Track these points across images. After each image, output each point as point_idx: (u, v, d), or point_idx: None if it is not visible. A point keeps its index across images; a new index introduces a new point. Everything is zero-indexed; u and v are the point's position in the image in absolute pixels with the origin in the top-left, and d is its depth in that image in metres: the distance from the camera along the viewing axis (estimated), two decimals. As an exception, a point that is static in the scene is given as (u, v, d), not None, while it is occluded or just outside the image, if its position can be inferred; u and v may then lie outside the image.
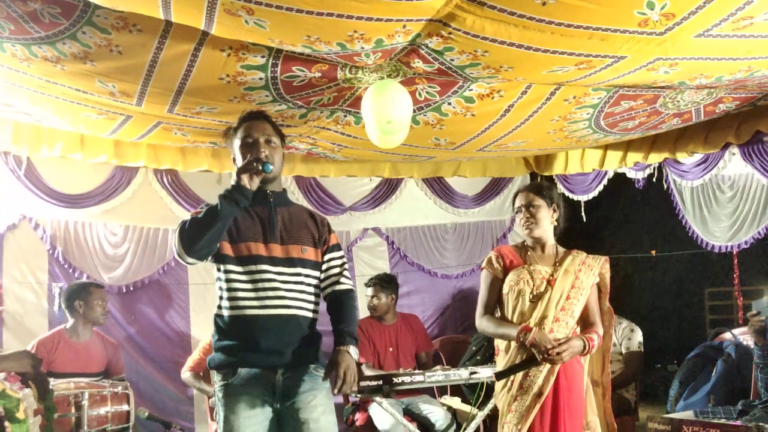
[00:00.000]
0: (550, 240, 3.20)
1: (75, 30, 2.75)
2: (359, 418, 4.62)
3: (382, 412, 4.16)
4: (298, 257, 2.59)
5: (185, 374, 4.61)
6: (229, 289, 2.53)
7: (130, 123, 3.93)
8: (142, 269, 4.98)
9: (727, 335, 4.53)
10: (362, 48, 2.84)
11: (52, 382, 3.28)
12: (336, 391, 2.49)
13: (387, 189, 5.75)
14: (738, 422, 3.45)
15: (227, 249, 2.53)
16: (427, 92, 3.60)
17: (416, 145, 4.47)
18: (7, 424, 2.66)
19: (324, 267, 2.68)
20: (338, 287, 2.68)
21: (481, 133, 4.24)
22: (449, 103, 3.74)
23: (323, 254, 2.67)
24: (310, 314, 2.61)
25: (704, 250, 5.04)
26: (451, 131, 4.21)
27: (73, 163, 4.52)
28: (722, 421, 3.52)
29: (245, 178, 2.42)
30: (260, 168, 2.43)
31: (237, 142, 2.63)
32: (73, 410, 3.48)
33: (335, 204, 5.51)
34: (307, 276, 2.61)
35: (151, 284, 5.02)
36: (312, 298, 2.62)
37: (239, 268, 2.53)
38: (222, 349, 2.54)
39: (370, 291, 4.86)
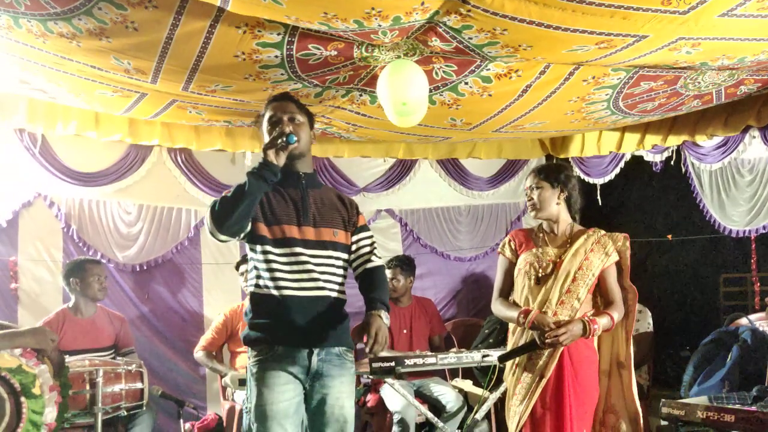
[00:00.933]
0: (562, 221, 3.15)
1: (91, 6, 2.73)
2: (371, 399, 4.64)
3: (394, 393, 4.17)
4: (330, 240, 2.65)
5: (198, 353, 4.63)
6: (269, 270, 2.58)
7: (145, 101, 3.92)
8: (155, 248, 4.99)
9: (743, 321, 4.49)
10: (379, 25, 2.80)
11: (67, 359, 3.30)
12: (368, 350, 2.57)
13: (401, 170, 5.72)
14: (753, 408, 3.42)
15: (263, 230, 2.59)
16: (443, 71, 3.56)
17: (432, 125, 4.44)
18: (23, 399, 2.68)
19: (354, 247, 2.75)
20: (370, 264, 2.75)
21: (497, 113, 4.20)
22: (466, 83, 3.70)
23: (353, 234, 2.74)
24: (341, 295, 2.68)
25: (721, 234, 4.99)
26: (467, 111, 4.17)
27: (87, 141, 4.51)
28: (737, 406, 3.49)
29: (271, 154, 2.48)
30: (285, 141, 2.48)
31: (264, 124, 2.71)
32: (87, 387, 3.51)
33: (348, 185, 5.49)
34: (337, 258, 2.67)
35: (165, 263, 5.03)
36: (341, 280, 2.69)
37: (275, 250, 2.58)
38: (257, 326, 2.60)
39: (389, 273, 4.85)
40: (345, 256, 2.72)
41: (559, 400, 2.96)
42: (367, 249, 2.77)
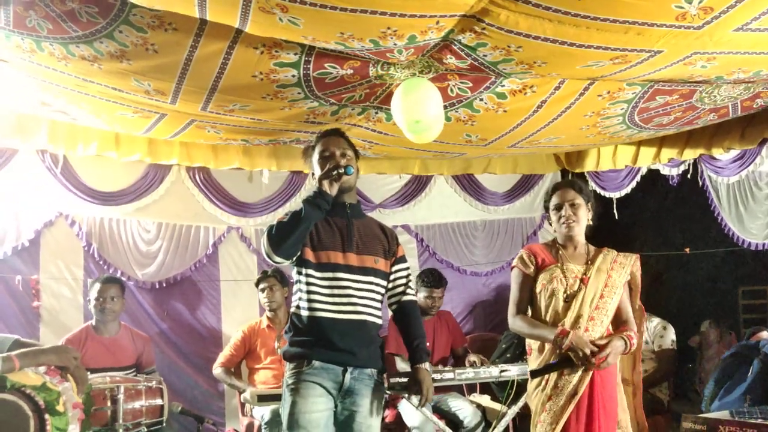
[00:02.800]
0: (582, 239, 3.18)
1: (112, 29, 2.79)
2: (388, 414, 4.63)
3: (412, 409, 4.16)
4: (372, 267, 2.81)
5: (216, 370, 4.65)
6: (308, 292, 2.74)
7: (164, 121, 3.98)
8: (174, 266, 5.04)
9: (764, 334, 4.45)
10: (395, 44, 2.84)
11: (89, 377, 3.33)
12: (419, 405, 2.79)
13: (416, 186, 5.74)
14: (776, 423, 3.39)
15: (309, 255, 2.75)
16: (458, 88, 3.59)
17: (447, 141, 4.46)
18: (47, 416, 2.71)
19: (392, 277, 2.92)
20: (405, 298, 2.93)
21: (512, 129, 4.21)
22: (481, 99, 3.72)
23: (392, 265, 2.91)
24: (377, 320, 2.83)
25: (739, 247, 4.96)
26: (482, 127, 4.19)
27: (107, 161, 4.58)
28: (759, 421, 3.45)
29: (326, 184, 2.69)
30: (341, 172, 2.69)
31: (315, 156, 2.88)
32: (108, 404, 3.54)
33: (365, 201, 5.51)
34: (377, 285, 2.84)
35: (183, 281, 5.08)
36: (378, 305, 2.85)
37: (319, 273, 2.74)
38: (297, 343, 2.74)
39: (426, 291, 4.87)
40: (384, 283, 2.88)
41: (590, 416, 2.96)
42: (404, 281, 2.94)
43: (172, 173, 4.98)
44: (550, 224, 3.25)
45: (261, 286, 4.74)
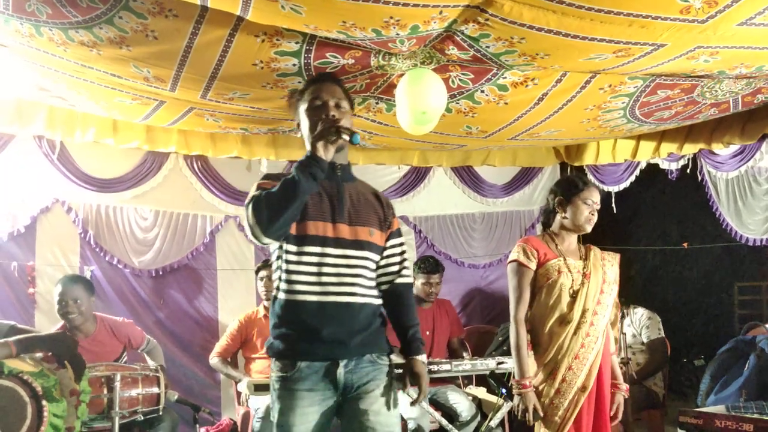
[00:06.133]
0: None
1: (112, 15, 2.76)
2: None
3: (408, 400, 4.16)
4: (366, 240, 2.36)
5: (213, 360, 4.65)
6: (288, 271, 2.30)
7: (163, 108, 3.95)
8: (171, 254, 5.02)
9: (761, 329, 4.46)
10: (397, 34, 2.82)
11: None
12: (416, 401, 2.45)
13: (415, 177, 5.73)
14: (771, 417, 3.40)
15: (291, 227, 2.27)
16: (460, 80, 3.57)
17: (447, 133, 4.45)
18: (44, 402, 2.72)
19: (385, 254, 2.46)
20: (399, 279, 2.49)
21: (513, 121, 4.20)
22: (482, 91, 3.71)
23: (386, 239, 2.46)
24: (374, 300, 2.41)
25: (736, 243, 4.97)
26: (483, 119, 4.17)
27: (105, 148, 4.55)
28: (755, 416, 3.47)
29: (320, 147, 2.20)
30: (344, 137, 2.21)
31: (303, 106, 2.41)
32: (105, 391, 3.53)
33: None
34: (372, 261, 2.40)
35: (180, 269, 5.07)
36: (373, 283, 2.43)
37: (303, 248, 2.28)
38: (280, 337, 2.34)
39: (424, 277, 4.83)
40: (378, 258, 2.44)
41: (599, 407, 3.02)
42: (398, 259, 2.49)
43: (169, 161, 4.96)
44: (564, 211, 3.14)
45: (261, 274, 4.73)
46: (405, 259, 2.51)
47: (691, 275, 6.44)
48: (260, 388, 3.99)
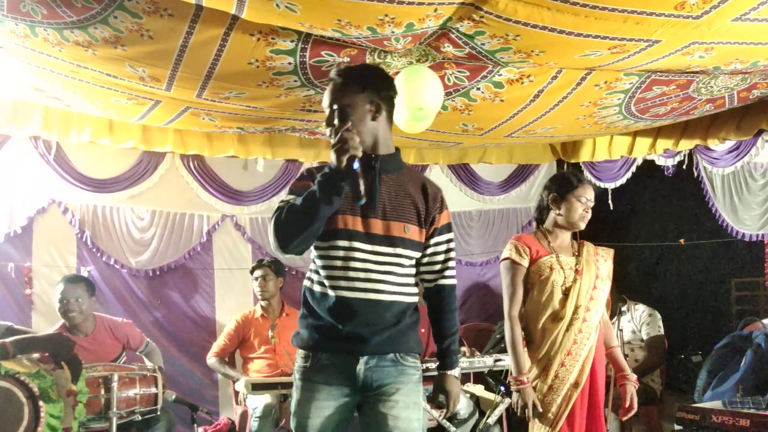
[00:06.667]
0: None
1: (107, 14, 2.76)
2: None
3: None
4: (399, 236, 2.24)
5: (210, 359, 4.66)
6: (317, 264, 2.28)
7: (159, 108, 3.95)
8: (168, 254, 5.02)
9: (758, 325, 4.47)
10: (392, 32, 2.82)
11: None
12: (442, 417, 2.39)
13: (412, 175, 5.72)
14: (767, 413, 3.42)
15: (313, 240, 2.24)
16: (455, 77, 3.57)
17: (444, 130, 4.45)
18: (41, 403, 2.71)
19: (428, 251, 2.34)
20: (442, 281, 2.37)
21: (509, 118, 4.21)
22: (478, 89, 3.71)
23: (429, 236, 2.33)
24: (406, 298, 2.31)
25: (732, 238, 4.98)
26: (479, 117, 4.18)
27: (101, 148, 4.55)
28: (752, 411, 3.48)
29: (334, 160, 2.08)
30: (352, 156, 2.07)
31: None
32: (102, 392, 3.52)
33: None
34: (407, 258, 2.28)
35: (177, 269, 5.07)
36: (405, 280, 2.31)
37: (330, 243, 2.23)
38: (306, 327, 2.30)
39: None
40: (415, 254, 2.31)
41: (593, 402, 3.04)
42: (441, 257, 2.36)
43: (166, 161, 4.95)
44: (558, 208, 3.14)
45: (255, 274, 4.73)
46: (450, 258, 2.39)
47: (689, 271, 6.43)
48: (258, 387, 3.99)
